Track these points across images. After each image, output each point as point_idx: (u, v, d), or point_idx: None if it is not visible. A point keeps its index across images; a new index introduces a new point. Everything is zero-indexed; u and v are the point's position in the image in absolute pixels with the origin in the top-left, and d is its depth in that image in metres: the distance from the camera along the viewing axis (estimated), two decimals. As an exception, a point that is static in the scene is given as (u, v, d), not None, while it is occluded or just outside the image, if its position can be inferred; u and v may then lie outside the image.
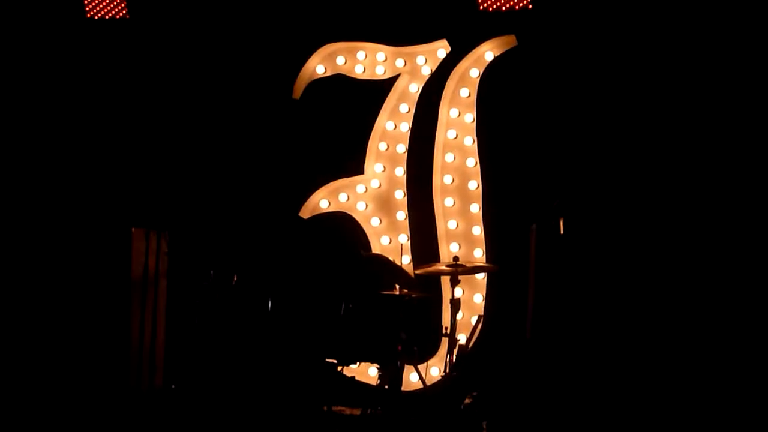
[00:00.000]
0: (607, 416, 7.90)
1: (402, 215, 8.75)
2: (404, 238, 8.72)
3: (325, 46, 8.89)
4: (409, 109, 8.77)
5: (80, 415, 8.26)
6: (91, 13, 9.10)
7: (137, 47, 9.10)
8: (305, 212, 8.82)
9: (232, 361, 8.06)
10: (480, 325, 8.20)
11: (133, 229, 8.68)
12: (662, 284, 8.04)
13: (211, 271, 8.11)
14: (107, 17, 9.07)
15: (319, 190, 8.82)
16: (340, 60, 8.89)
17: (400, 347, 7.76)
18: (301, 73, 8.89)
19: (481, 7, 8.50)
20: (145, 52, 9.08)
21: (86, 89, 9.14)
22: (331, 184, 8.82)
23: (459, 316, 7.99)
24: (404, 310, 7.83)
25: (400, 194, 8.76)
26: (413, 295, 7.93)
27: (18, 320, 8.71)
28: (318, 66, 8.90)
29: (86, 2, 9.09)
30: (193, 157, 8.97)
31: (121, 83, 9.09)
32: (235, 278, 8.06)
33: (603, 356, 8.06)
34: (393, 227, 8.76)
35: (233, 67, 8.95)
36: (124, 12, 9.10)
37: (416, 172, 8.74)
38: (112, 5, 9.08)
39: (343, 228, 8.78)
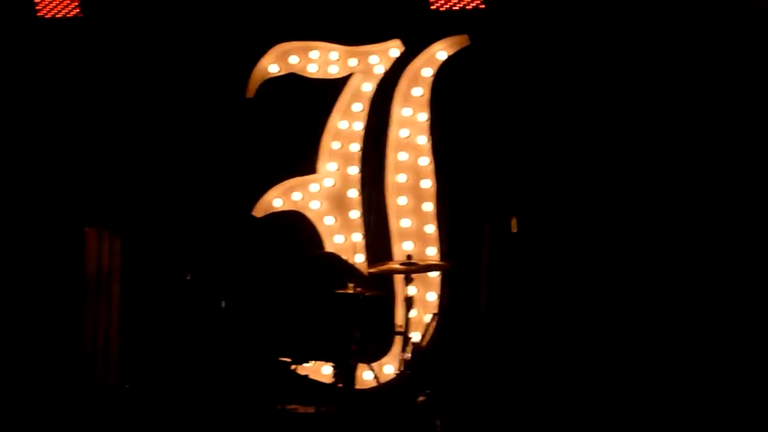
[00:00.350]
0: (560, 412, 7.97)
1: (355, 214, 8.76)
2: (358, 237, 8.73)
3: (278, 45, 8.88)
4: (363, 108, 8.78)
5: (35, 415, 8.24)
6: (43, 11, 9.05)
7: (90, 46, 9.05)
8: (258, 211, 8.81)
9: (186, 360, 8.06)
10: (434, 323, 8.24)
11: (86, 229, 8.67)
12: (614, 279, 8.11)
13: (165, 270, 8.13)
14: (59, 16, 9.04)
15: (272, 189, 8.80)
16: (293, 59, 8.89)
17: (353, 346, 7.78)
18: (254, 72, 8.88)
19: (433, 7, 8.53)
20: (97, 51, 9.04)
21: (37, 89, 9.08)
22: (284, 183, 8.81)
23: (413, 314, 8.02)
24: (358, 309, 7.85)
25: (353, 193, 8.77)
26: (366, 294, 7.95)
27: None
28: (271, 65, 8.90)
29: (37, 0, 9.05)
30: (146, 155, 8.94)
31: (73, 83, 9.04)
32: (189, 277, 8.06)
33: (556, 353, 8.13)
34: (346, 226, 8.77)
35: (186, 65, 8.92)
36: (76, 11, 9.06)
37: (370, 170, 8.75)
38: (64, 4, 9.04)
39: (297, 227, 8.79)
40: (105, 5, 9.03)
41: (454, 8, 8.52)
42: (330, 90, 8.83)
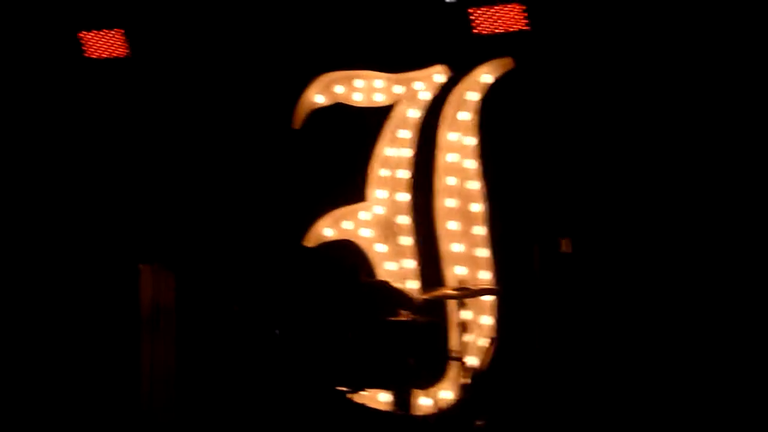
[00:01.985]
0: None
1: (407, 240, 8.75)
2: (410, 263, 8.72)
3: (322, 76, 8.93)
4: (410, 134, 8.79)
5: None
6: (89, 51, 9.16)
7: (136, 84, 9.14)
8: (310, 241, 8.84)
9: (243, 388, 8.11)
10: (493, 347, 8.21)
11: (140, 266, 8.75)
12: (668, 298, 8.02)
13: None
14: (104, 56, 9.14)
15: (322, 219, 8.83)
16: (338, 89, 8.92)
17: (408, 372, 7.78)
18: (300, 103, 8.94)
19: (476, 31, 8.50)
20: (144, 88, 9.13)
21: (87, 128, 9.18)
22: (334, 212, 8.84)
23: (467, 338, 7.98)
24: (411, 335, 7.84)
25: (404, 219, 8.77)
26: (420, 320, 7.94)
27: (31, 357, 8.76)
28: (317, 95, 8.94)
29: (83, 42, 9.15)
30: (195, 188, 9.01)
31: (122, 121, 9.13)
32: (236, 308, 8.11)
33: (613, 372, 8.06)
34: (398, 253, 8.76)
35: (233, 100, 8.99)
36: (124, 50, 9.15)
37: (419, 196, 8.74)
38: (111, 44, 9.14)
39: (348, 256, 8.79)
40: (151, 43, 9.12)
41: (496, 31, 8.49)
42: (376, 118, 8.84)
